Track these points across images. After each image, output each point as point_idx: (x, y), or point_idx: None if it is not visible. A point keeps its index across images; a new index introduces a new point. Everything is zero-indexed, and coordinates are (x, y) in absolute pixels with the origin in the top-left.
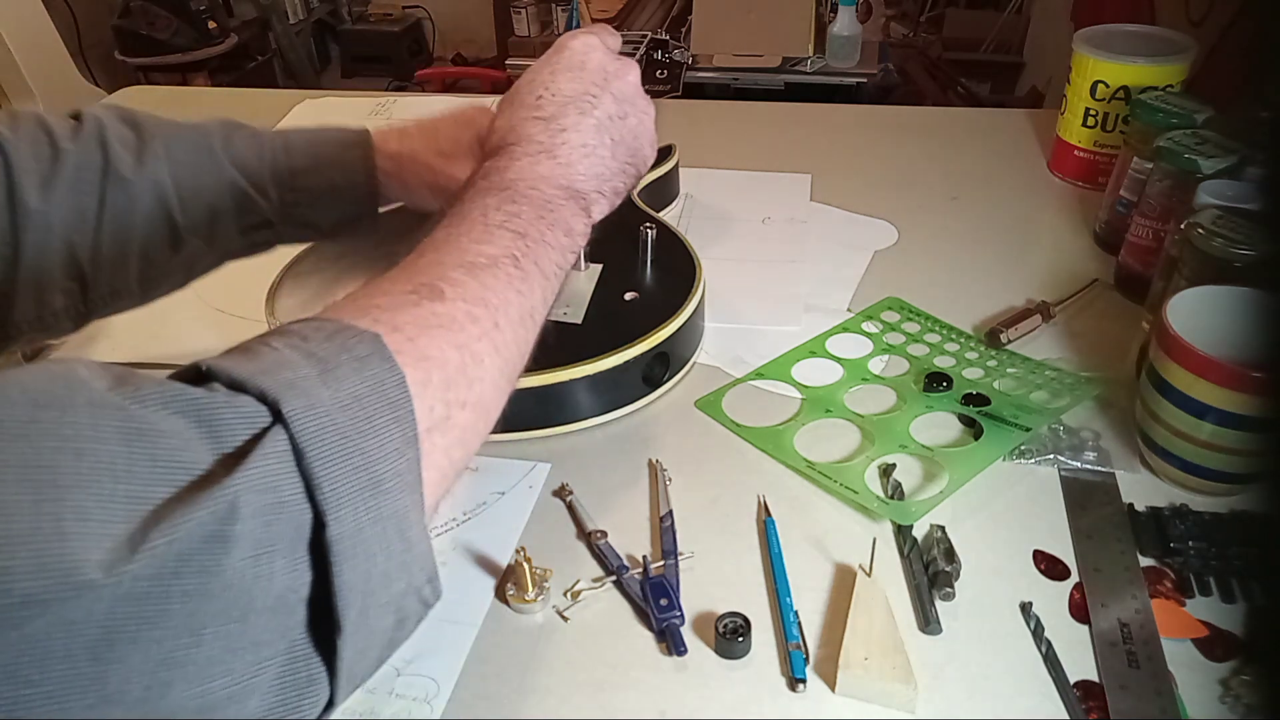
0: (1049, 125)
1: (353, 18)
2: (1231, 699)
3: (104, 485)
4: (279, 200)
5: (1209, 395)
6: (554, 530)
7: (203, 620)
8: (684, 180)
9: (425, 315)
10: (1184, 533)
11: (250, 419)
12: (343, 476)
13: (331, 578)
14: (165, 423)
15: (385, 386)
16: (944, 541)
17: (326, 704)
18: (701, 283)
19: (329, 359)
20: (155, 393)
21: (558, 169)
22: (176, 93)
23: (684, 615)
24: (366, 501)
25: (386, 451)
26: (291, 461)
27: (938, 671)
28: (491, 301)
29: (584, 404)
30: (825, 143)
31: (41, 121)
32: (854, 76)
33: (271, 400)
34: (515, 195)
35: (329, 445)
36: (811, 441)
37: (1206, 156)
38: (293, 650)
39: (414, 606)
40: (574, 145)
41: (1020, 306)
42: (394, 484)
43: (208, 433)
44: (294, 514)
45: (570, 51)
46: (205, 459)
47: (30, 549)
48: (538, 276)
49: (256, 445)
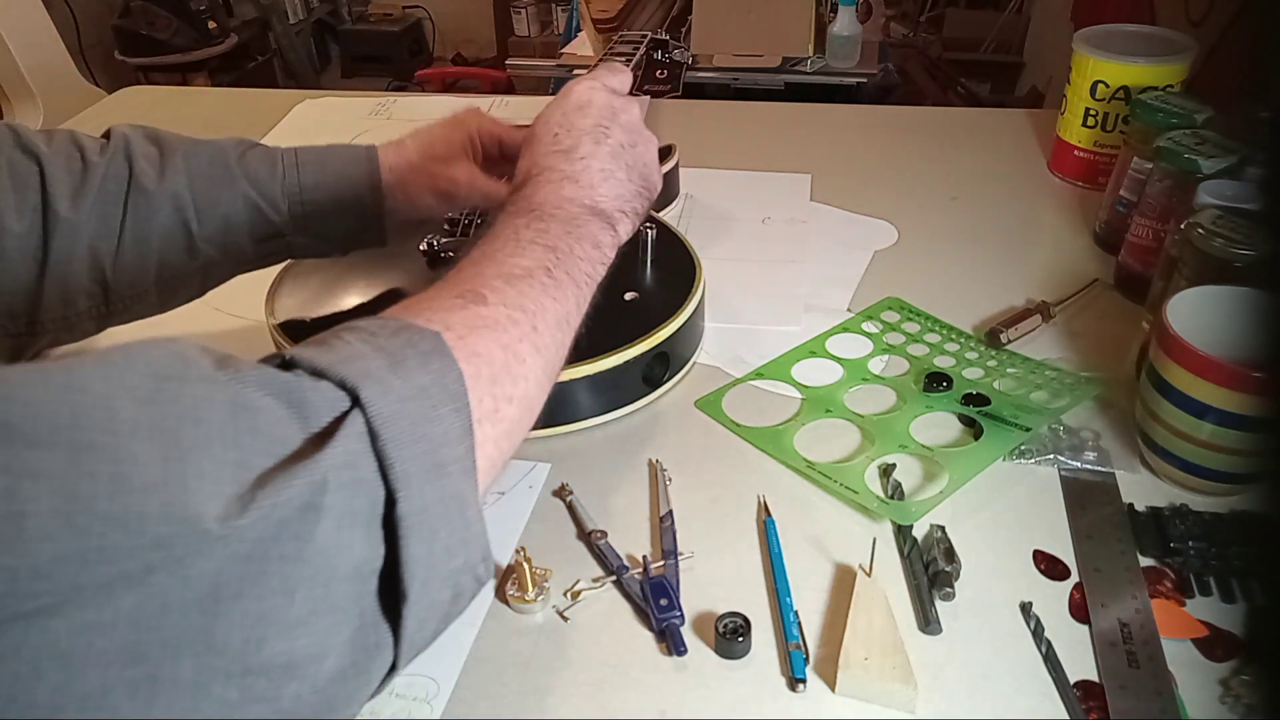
0: (1049, 125)
1: (353, 18)
2: (1231, 699)
3: (216, 450)
4: (289, 213)
5: (1209, 395)
6: (554, 530)
7: (295, 583)
8: (684, 180)
9: (471, 317)
10: (1184, 533)
11: (333, 403)
12: (411, 458)
13: (399, 550)
14: (262, 401)
15: (446, 380)
16: (944, 541)
17: (390, 668)
18: (701, 283)
19: (396, 353)
20: (253, 375)
21: (580, 191)
22: (176, 93)
23: (684, 615)
24: (431, 482)
25: (449, 438)
26: (368, 443)
27: (938, 671)
28: (529, 307)
29: (584, 404)
30: (825, 143)
31: (74, 138)
32: (854, 76)
33: (350, 387)
34: (543, 215)
35: (400, 430)
36: (811, 441)
37: (1206, 156)
38: (363, 617)
39: (469, 583)
40: (594, 170)
41: (1020, 306)
42: (455, 468)
43: (297, 414)
44: (370, 490)
45: (576, 94)
46: (296, 437)
47: (161, 498)
48: (570, 285)
49: (339, 427)
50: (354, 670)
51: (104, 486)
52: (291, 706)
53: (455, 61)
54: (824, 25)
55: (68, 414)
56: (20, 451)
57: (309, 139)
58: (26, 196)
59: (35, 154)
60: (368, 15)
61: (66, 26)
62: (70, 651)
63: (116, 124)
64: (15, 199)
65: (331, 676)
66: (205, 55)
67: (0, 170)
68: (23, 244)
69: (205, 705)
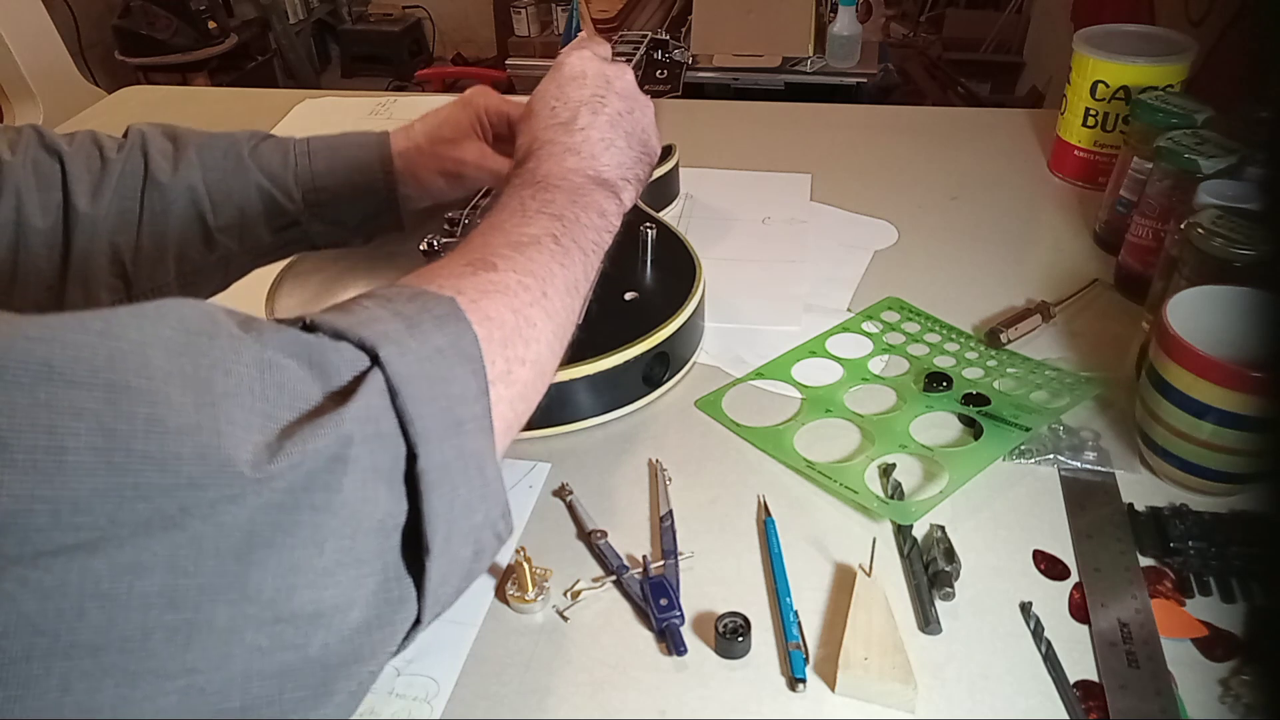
0: (1049, 125)
1: (353, 18)
2: (1231, 699)
3: (246, 401)
4: (303, 200)
5: (1209, 395)
6: (554, 530)
7: (324, 534)
8: (684, 180)
9: (482, 283)
10: (1184, 533)
11: (352, 363)
12: (430, 415)
13: (421, 505)
14: (285, 361)
15: (462, 342)
16: (944, 541)
17: (415, 623)
18: (701, 283)
19: (413, 317)
20: (274, 335)
21: (583, 161)
22: (176, 93)
23: (684, 615)
24: (450, 439)
25: (465, 397)
26: (388, 400)
27: (938, 671)
28: (538, 273)
29: (584, 404)
30: (825, 143)
31: (95, 137)
32: (854, 76)
33: (370, 347)
34: (547, 186)
35: (418, 388)
36: (811, 441)
37: (1206, 156)
38: (387, 571)
39: (489, 539)
40: (594, 140)
41: (1020, 306)
42: (472, 426)
43: (318, 373)
44: (392, 446)
45: (569, 65)
46: (317, 394)
47: (195, 440)
48: (577, 252)
49: (360, 385)
50: (379, 622)
51: (140, 426)
52: (320, 655)
53: (455, 61)
54: (824, 25)
55: (104, 358)
56: (60, 390)
57: None
58: (50, 195)
59: (58, 153)
60: (368, 15)
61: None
62: (112, 593)
63: (135, 123)
64: (40, 197)
65: (357, 627)
66: (205, 55)
67: (26, 170)
68: (47, 240)
69: (237, 650)
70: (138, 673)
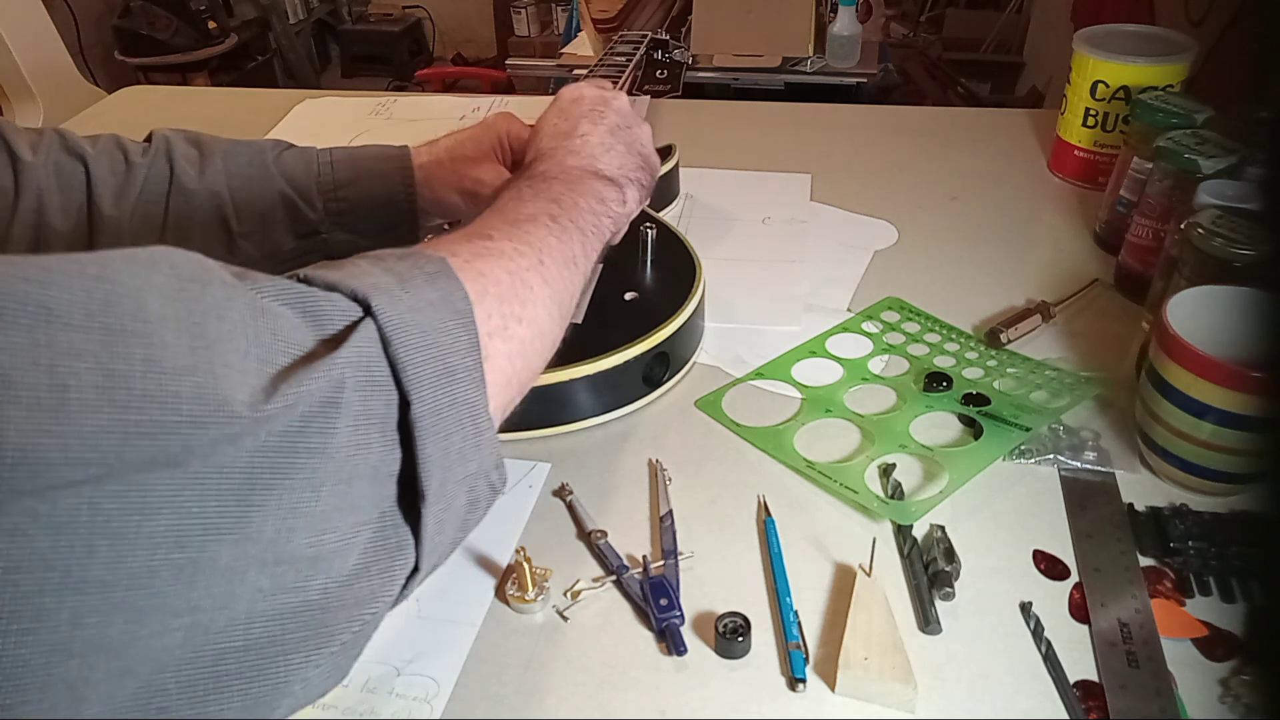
0: (1049, 125)
1: (353, 18)
2: (1231, 699)
3: (239, 345)
4: (324, 209)
5: (1209, 395)
6: (554, 530)
7: (321, 478)
8: (684, 180)
9: (477, 248)
10: (1184, 533)
11: (345, 312)
12: (423, 363)
13: (416, 451)
14: (278, 308)
15: (453, 298)
16: (944, 541)
17: (413, 571)
18: (701, 283)
19: (404, 273)
20: (268, 284)
21: (582, 160)
22: (176, 93)
23: (684, 615)
24: (443, 387)
25: (456, 349)
26: (380, 347)
27: (938, 671)
28: (534, 243)
29: (584, 404)
30: (825, 143)
31: (119, 141)
32: (854, 76)
33: (362, 298)
34: (546, 178)
35: (410, 337)
36: (811, 441)
37: (1206, 156)
38: (383, 519)
39: (483, 490)
40: (593, 143)
41: (1020, 306)
42: (464, 376)
43: (312, 321)
44: (385, 392)
45: (568, 92)
46: (310, 340)
47: (192, 380)
48: (575, 231)
49: (352, 333)
50: (377, 568)
51: (138, 367)
52: (319, 598)
53: (455, 61)
54: (824, 25)
55: (100, 301)
56: (58, 332)
57: (309, 139)
58: (72, 197)
59: (81, 156)
60: (368, 15)
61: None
62: (121, 532)
63: (160, 126)
64: (61, 199)
65: (355, 571)
66: (205, 55)
67: (47, 171)
68: (67, 242)
69: (240, 590)
70: (145, 609)
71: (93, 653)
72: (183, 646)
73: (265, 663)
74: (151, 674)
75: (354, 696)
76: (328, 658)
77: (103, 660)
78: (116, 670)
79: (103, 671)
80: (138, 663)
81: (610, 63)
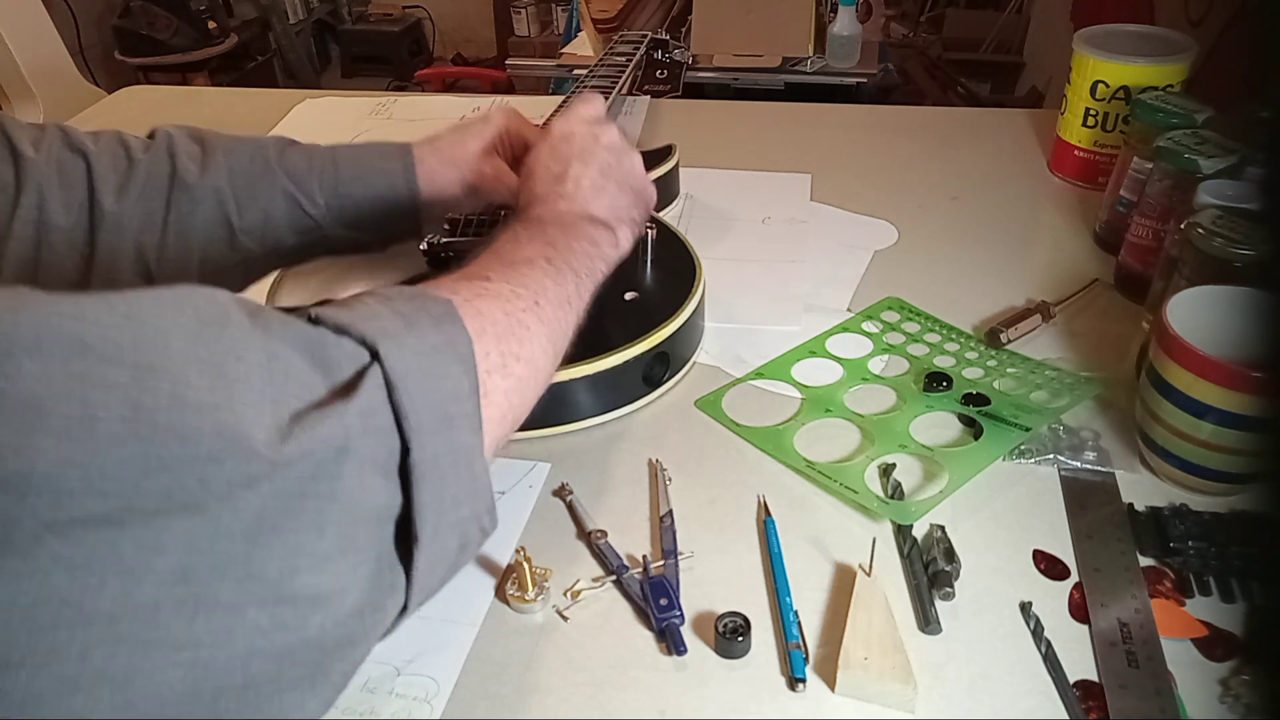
0: (1049, 125)
1: (353, 18)
2: (1231, 699)
3: (256, 386)
4: (326, 206)
5: (1209, 395)
6: (554, 530)
7: (326, 521)
8: (684, 180)
9: (475, 288)
10: (1184, 533)
11: (354, 357)
12: (424, 409)
13: (412, 497)
14: (290, 352)
15: (456, 343)
16: (944, 541)
17: (402, 609)
18: (701, 283)
19: (411, 316)
20: (281, 330)
21: (574, 205)
22: (176, 93)
23: (684, 615)
24: (441, 434)
25: (457, 394)
26: (386, 394)
27: (937, 671)
28: (530, 285)
29: (584, 404)
30: (825, 143)
31: (121, 137)
32: (854, 76)
33: (370, 343)
34: (540, 222)
35: (413, 383)
36: (811, 441)
37: (1206, 156)
38: (381, 560)
39: (474, 533)
40: (584, 187)
41: (1020, 306)
42: (462, 423)
43: (322, 366)
44: (388, 439)
45: (558, 129)
46: (321, 386)
47: (214, 417)
48: (569, 273)
49: (361, 380)
50: (371, 607)
51: (164, 401)
52: (317, 636)
53: (455, 61)
54: (824, 25)
55: (130, 338)
56: (93, 365)
57: (309, 138)
58: (73, 193)
59: (83, 151)
60: (368, 15)
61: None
62: (133, 568)
63: (161, 124)
64: (62, 195)
65: (351, 611)
66: (205, 55)
67: (49, 167)
68: (69, 239)
69: (239, 627)
70: (149, 642)
71: (98, 685)
72: (184, 682)
73: (263, 701)
74: (154, 710)
75: (354, 696)
76: (322, 694)
77: (107, 694)
78: (120, 704)
79: (107, 705)
80: (141, 697)
81: (610, 63)
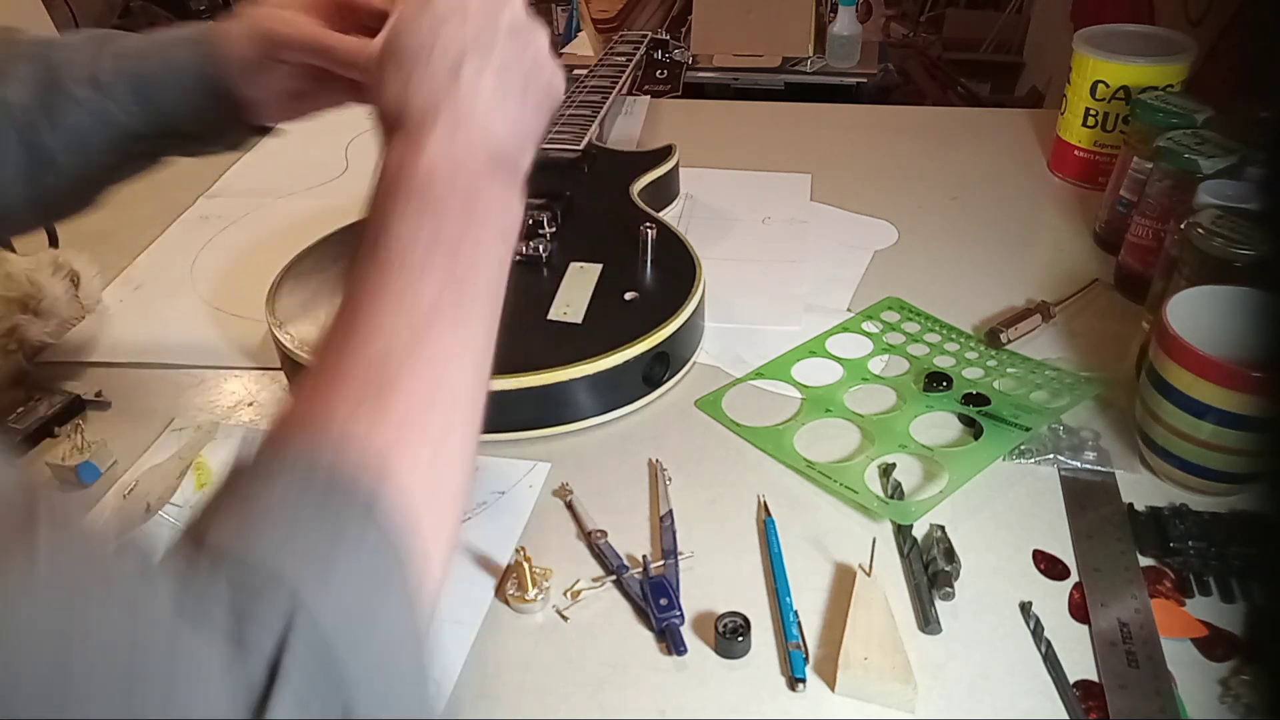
0: (1049, 125)
1: None
2: (1231, 699)
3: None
4: (126, 94)
5: (1209, 395)
6: (554, 530)
7: None
8: (684, 180)
9: (391, 429)
10: (1184, 533)
11: (271, 625)
12: (363, 667)
13: None
14: (204, 654)
15: (384, 563)
16: (944, 541)
17: None
18: (701, 283)
19: (328, 554)
20: (193, 604)
21: (474, 139)
22: None
23: (684, 615)
24: (384, 684)
25: (396, 627)
26: (321, 667)
27: (937, 671)
28: (444, 381)
29: (584, 404)
30: (825, 143)
31: None
32: (854, 76)
33: (290, 587)
34: (435, 195)
35: (347, 635)
36: (811, 441)
37: (1206, 156)
38: None
39: None
40: (483, 100)
41: (1020, 306)
42: (407, 665)
43: (240, 654)
44: (328, 704)
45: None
46: (256, 676)
47: None
48: (480, 303)
49: (283, 658)
50: None
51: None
52: None
53: None
54: (824, 25)
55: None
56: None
57: (308, 137)
58: None
59: None
60: None
61: (66, 26)
62: None
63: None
64: None
65: None
66: None
67: None
68: None
69: None
70: None
71: None
72: None
73: None
74: None
75: None
76: None
77: None
78: None
79: None
80: None
81: (610, 63)
